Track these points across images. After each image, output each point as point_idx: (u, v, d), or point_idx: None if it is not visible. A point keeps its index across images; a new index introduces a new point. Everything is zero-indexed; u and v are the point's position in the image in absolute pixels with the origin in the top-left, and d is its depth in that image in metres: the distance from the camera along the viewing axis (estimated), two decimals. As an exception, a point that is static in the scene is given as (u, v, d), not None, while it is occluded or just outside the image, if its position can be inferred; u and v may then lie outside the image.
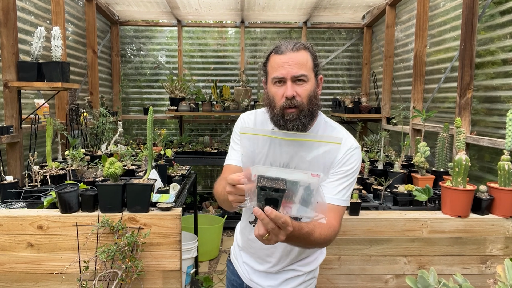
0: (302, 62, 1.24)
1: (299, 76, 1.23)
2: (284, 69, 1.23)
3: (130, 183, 1.81)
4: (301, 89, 1.25)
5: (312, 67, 1.28)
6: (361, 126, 4.06)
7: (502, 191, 1.94)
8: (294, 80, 1.24)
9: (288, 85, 1.24)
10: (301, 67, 1.23)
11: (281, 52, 1.25)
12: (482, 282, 1.93)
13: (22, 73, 2.52)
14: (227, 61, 5.30)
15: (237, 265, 1.58)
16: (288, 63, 1.23)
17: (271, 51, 1.30)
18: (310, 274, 1.48)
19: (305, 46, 1.27)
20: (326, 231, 1.22)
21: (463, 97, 2.71)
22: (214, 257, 3.95)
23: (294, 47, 1.24)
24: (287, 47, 1.25)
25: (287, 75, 1.23)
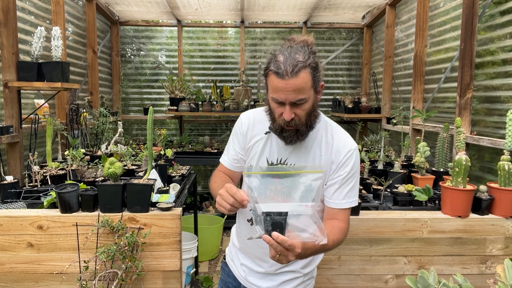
0: (301, 87, 1.20)
1: (297, 101, 1.23)
2: (283, 94, 1.21)
3: (130, 183, 1.80)
4: (299, 110, 1.25)
5: (312, 84, 1.24)
6: (361, 126, 4.06)
7: (502, 191, 1.94)
8: (292, 104, 1.24)
9: (286, 109, 1.24)
10: (299, 92, 1.21)
11: (280, 75, 1.19)
12: (482, 282, 1.93)
13: (22, 73, 2.52)
14: (227, 61, 5.30)
15: (234, 267, 1.57)
16: (286, 89, 1.20)
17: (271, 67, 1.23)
18: (308, 275, 1.48)
19: (304, 65, 1.20)
20: (338, 236, 1.31)
21: (463, 97, 2.71)
22: (214, 257, 3.95)
23: (293, 71, 1.18)
24: (287, 70, 1.18)
25: (286, 100, 1.22)
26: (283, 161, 1.38)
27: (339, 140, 1.37)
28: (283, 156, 1.38)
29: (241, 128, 1.47)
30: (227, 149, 1.54)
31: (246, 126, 1.46)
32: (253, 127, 1.45)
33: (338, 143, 1.36)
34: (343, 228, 1.35)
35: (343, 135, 1.39)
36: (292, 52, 1.21)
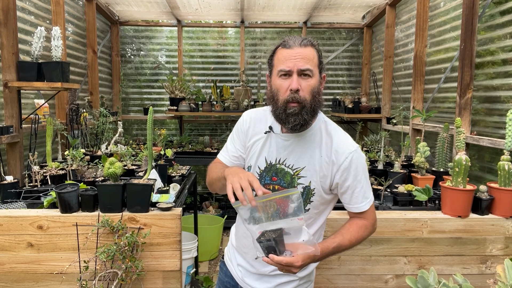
0: (309, 57, 1.26)
1: (305, 70, 1.25)
2: (291, 62, 1.25)
3: (130, 183, 1.81)
4: (306, 83, 1.27)
5: (318, 64, 1.30)
6: (361, 126, 4.06)
7: (502, 191, 1.94)
8: (300, 73, 1.26)
9: (293, 78, 1.26)
10: (307, 61, 1.26)
11: (289, 46, 1.27)
12: (482, 282, 1.93)
13: (22, 73, 2.52)
14: (227, 61, 5.30)
15: (231, 267, 1.56)
16: (295, 57, 1.25)
17: (278, 45, 1.32)
18: (304, 278, 1.46)
19: (312, 43, 1.29)
20: (357, 234, 1.36)
21: (463, 97, 2.71)
22: (214, 257, 3.95)
23: (302, 42, 1.27)
24: (295, 42, 1.27)
25: (294, 67, 1.25)
26: (281, 161, 1.37)
27: (339, 141, 1.35)
28: (281, 156, 1.37)
29: (243, 126, 1.47)
30: (226, 146, 1.54)
31: (247, 124, 1.46)
32: (254, 126, 1.45)
33: (338, 144, 1.34)
34: (365, 225, 1.39)
35: (342, 136, 1.38)
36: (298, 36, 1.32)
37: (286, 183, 1.36)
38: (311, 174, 1.34)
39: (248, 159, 1.46)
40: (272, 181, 1.38)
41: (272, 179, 1.38)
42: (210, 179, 1.49)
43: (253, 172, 1.42)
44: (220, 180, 1.33)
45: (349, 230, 1.36)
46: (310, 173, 1.34)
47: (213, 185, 1.47)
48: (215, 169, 1.47)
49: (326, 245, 1.29)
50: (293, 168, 1.35)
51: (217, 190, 1.47)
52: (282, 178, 1.37)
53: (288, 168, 1.36)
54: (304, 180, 1.34)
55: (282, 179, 1.36)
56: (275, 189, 1.37)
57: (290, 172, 1.35)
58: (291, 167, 1.36)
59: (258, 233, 1.21)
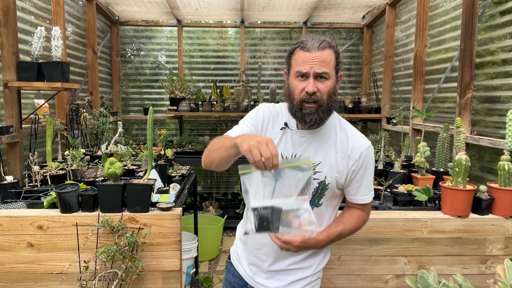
0: (326, 60, 1.28)
1: (321, 73, 1.28)
2: (308, 65, 1.28)
3: (130, 183, 1.81)
4: (322, 85, 1.30)
5: (334, 65, 1.32)
6: (361, 126, 4.06)
7: (502, 191, 1.94)
8: (316, 76, 1.29)
9: (310, 81, 1.28)
10: (324, 65, 1.28)
11: (307, 49, 1.29)
12: (482, 282, 1.93)
13: (22, 73, 2.52)
14: (227, 61, 5.30)
15: (240, 267, 1.55)
16: (312, 60, 1.27)
17: (296, 45, 1.33)
18: (316, 275, 1.49)
19: (330, 44, 1.31)
20: (357, 224, 1.44)
21: (463, 97, 2.71)
22: (214, 257, 3.95)
23: (320, 45, 1.28)
24: (313, 44, 1.29)
25: (310, 70, 1.28)
26: (297, 157, 1.40)
27: (354, 137, 1.40)
28: (297, 151, 1.40)
29: (260, 114, 1.45)
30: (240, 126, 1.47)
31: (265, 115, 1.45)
32: (270, 120, 1.45)
33: (354, 140, 1.39)
34: (363, 217, 1.46)
35: (356, 132, 1.43)
36: (316, 36, 1.33)
37: None
38: (327, 169, 1.38)
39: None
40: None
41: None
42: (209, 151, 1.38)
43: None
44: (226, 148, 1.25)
45: (350, 219, 1.44)
46: (326, 169, 1.38)
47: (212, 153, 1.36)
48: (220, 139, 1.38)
49: (331, 232, 1.38)
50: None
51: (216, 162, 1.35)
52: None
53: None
54: (319, 175, 1.38)
55: None
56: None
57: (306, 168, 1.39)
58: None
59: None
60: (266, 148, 1.08)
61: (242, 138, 1.16)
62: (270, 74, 5.33)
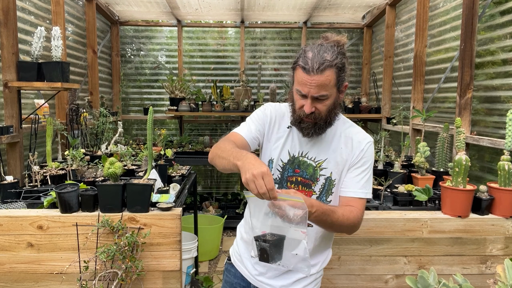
0: (325, 83, 1.28)
1: (318, 96, 1.30)
2: (306, 88, 1.29)
3: (130, 183, 1.81)
4: (320, 105, 1.32)
5: (335, 83, 1.31)
6: (361, 126, 4.06)
7: (502, 191, 1.94)
8: (315, 98, 1.30)
9: (308, 102, 1.31)
10: (322, 88, 1.28)
11: (307, 70, 1.27)
12: (482, 282, 1.93)
13: (22, 73, 2.52)
14: (227, 61, 5.30)
15: (242, 267, 1.54)
16: (310, 84, 1.28)
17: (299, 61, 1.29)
18: (319, 272, 1.52)
19: (330, 64, 1.27)
20: (348, 214, 1.35)
21: (463, 97, 2.71)
22: (214, 257, 3.95)
23: (319, 68, 1.25)
24: (313, 67, 1.26)
25: (308, 93, 1.29)
26: (304, 154, 1.44)
27: (358, 133, 1.45)
28: (304, 149, 1.44)
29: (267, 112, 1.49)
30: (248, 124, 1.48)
31: (273, 112, 1.49)
32: (277, 119, 1.49)
33: (358, 135, 1.44)
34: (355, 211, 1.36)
35: (360, 129, 1.48)
36: (321, 51, 1.30)
37: (308, 174, 1.43)
38: (333, 165, 1.41)
39: (269, 151, 1.48)
40: (295, 173, 1.44)
41: (295, 171, 1.44)
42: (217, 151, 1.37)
43: (276, 165, 1.46)
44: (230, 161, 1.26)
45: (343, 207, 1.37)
46: (332, 165, 1.41)
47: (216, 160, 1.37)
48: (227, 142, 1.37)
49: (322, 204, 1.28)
50: (315, 160, 1.43)
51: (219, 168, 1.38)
52: (304, 170, 1.43)
53: (311, 161, 1.43)
54: (326, 171, 1.42)
55: (305, 171, 1.43)
56: (298, 180, 1.44)
57: (313, 164, 1.43)
58: (314, 159, 1.43)
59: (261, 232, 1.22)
60: (261, 183, 1.10)
61: (243, 163, 1.17)
62: (270, 74, 5.33)
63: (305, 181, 1.43)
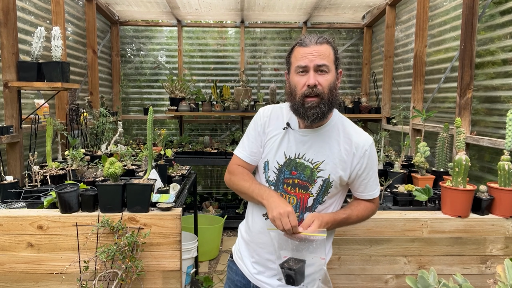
0: (325, 54, 1.33)
1: (321, 65, 1.32)
2: (307, 59, 1.32)
3: (130, 183, 1.81)
4: (323, 78, 1.33)
5: (334, 60, 1.36)
6: (361, 126, 4.06)
7: (502, 191, 1.94)
8: (317, 69, 1.32)
9: (310, 74, 1.32)
10: (323, 57, 1.32)
11: (305, 44, 1.34)
12: (482, 282, 1.93)
13: (22, 73, 2.52)
14: (227, 61, 5.30)
15: (243, 265, 1.55)
16: (311, 54, 1.31)
17: (295, 43, 1.38)
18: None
19: (328, 40, 1.36)
20: (364, 212, 1.48)
21: (463, 97, 2.71)
22: (214, 257, 3.95)
23: (318, 40, 1.33)
24: (311, 40, 1.34)
25: (310, 63, 1.31)
26: (301, 156, 1.42)
27: (358, 135, 1.44)
28: (301, 150, 1.42)
29: (260, 121, 1.50)
30: (243, 142, 1.54)
31: (264, 119, 1.50)
32: (271, 122, 1.48)
33: (358, 137, 1.43)
34: (371, 207, 1.50)
35: (359, 129, 1.47)
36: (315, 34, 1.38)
37: (306, 176, 1.41)
38: (330, 167, 1.40)
39: (264, 154, 1.48)
40: (292, 175, 1.42)
41: (291, 173, 1.42)
42: (236, 186, 1.50)
43: (271, 167, 1.45)
44: (253, 197, 1.42)
45: (358, 207, 1.48)
46: (330, 166, 1.40)
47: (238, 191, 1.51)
48: (244, 176, 1.49)
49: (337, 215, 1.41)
50: (313, 162, 1.41)
51: (242, 196, 1.53)
52: (302, 172, 1.41)
53: (308, 162, 1.41)
54: (323, 173, 1.41)
55: (302, 172, 1.41)
56: (295, 183, 1.43)
57: (310, 166, 1.41)
58: (311, 161, 1.41)
59: (283, 258, 1.33)
60: (287, 221, 1.27)
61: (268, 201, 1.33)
62: (270, 74, 5.33)
63: (302, 183, 1.42)
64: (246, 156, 1.51)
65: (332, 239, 1.58)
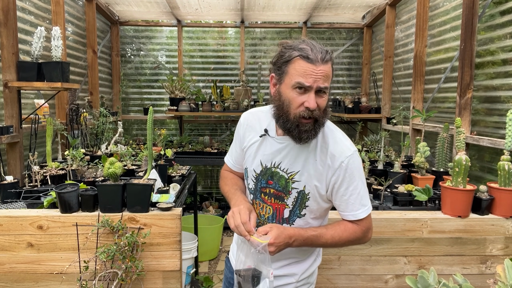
0: (329, 75, 1.22)
1: (324, 88, 1.21)
2: (312, 79, 1.19)
3: (130, 183, 1.81)
4: (321, 100, 1.23)
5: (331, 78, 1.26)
6: (361, 126, 4.06)
7: (502, 191, 1.94)
8: (318, 91, 1.21)
9: (311, 96, 1.20)
10: (327, 79, 1.21)
11: (311, 60, 1.19)
12: (482, 282, 1.93)
13: (22, 73, 2.52)
14: (227, 61, 5.30)
15: (233, 262, 1.57)
16: (317, 74, 1.19)
17: (296, 54, 1.21)
18: (302, 281, 1.44)
19: (330, 57, 1.22)
20: (342, 233, 1.32)
21: (463, 97, 2.71)
22: (214, 257, 3.95)
23: (325, 58, 1.20)
24: (317, 56, 1.19)
25: (314, 84, 1.19)
26: (276, 165, 1.35)
27: (335, 144, 1.31)
28: (276, 159, 1.35)
29: (240, 130, 1.49)
30: (231, 149, 1.57)
31: (244, 127, 1.46)
32: (251, 128, 1.44)
33: (335, 148, 1.30)
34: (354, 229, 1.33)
35: (340, 138, 1.33)
36: (317, 45, 1.22)
37: (281, 187, 1.35)
38: (305, 178, 1.31)
39: (245, 161, 1.46)
40: (268, 184, 1.37)
41: (268, 183, 1.37)
42: (221, 190, 1.58)
43: (250, 175, 1.42)
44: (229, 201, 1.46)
45: (335, 227, 1.33)
46: (305, 177, 1.31)
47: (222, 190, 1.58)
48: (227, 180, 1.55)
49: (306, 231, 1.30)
50: (288, 172, 1.33)
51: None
52: (277, 182, 1.35)
53: (283, 172, 1.34)
54: (298, 184, 1.32)
55: (277, 182, 1.35)
56: (271, 192, 1.37)
57: (285, 176, 1.34)
58: (286, 170, 1.33)
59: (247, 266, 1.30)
60: (237, 217, 1.27)
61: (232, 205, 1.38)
62: (270, 74, 5.32)
63: (277, 193, 1.35)
64: (232, 165, 1.57)
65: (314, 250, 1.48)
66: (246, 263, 1.29)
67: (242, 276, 1.26)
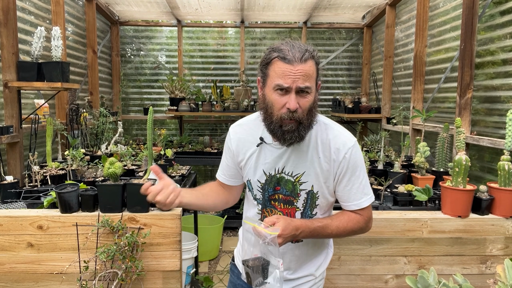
0: (309, 74, 1.18)
1: (304, 88, 1.18)
2: (290, 79, 1.16)
3: (130, 183, 1.80)
4: (304, 100, 1.20)
5: (316, 77, 1.23)
6: (361, 126, 4.06)
7: (502, 191, 1.94)
8: (298, 91, 1.19)
9: (292, 97, 1.18)
10: (307, 78, 1.18)
11: (288, 60, 1.17)
12: (482, 282, 1.93)
13: (22, 73, 2.52)
14: (227, 61, 5.30)
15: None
16: (295, 74, 1.16)
17: (275, 55, 1.20)
18: (320, 276, 1.47)
19: (312, 55, 1.20)
20: (346, 223, 1.32)
21: (463, 97, 2.71)
22: (214, 257, 3.94)
23: (303, 57, 1.17)
24: (295, 55, 1.16)
25: (292, 85, 1.17)
26: (280, 170, 1.33)
27: (336, 137, 1.30)
28: (279, 165, 1.33)
29: (231, 145, 1.43)
30: (222, 165, 1.51)
31: (235, 141, 1.41)
32: (243, 141, 1.39)
33: (336, 141, 1.30)
34: (357, 219, 1.34)
35: (339, 131, 1.33)
36: (296, 44, 1.20)
37: (288, 191, 1.34)
38: (312, 178, 1.31)
39: (245, 173, 1.42)
40: (276, 190, 1.36)
41: (275, 189, 1.36)
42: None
43: (254, 186, 1.40)
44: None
45: (339, 217, 1.34)
46: (311, 177, 1.31)
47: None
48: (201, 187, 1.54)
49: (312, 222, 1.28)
50: (293, 175, 1.32)
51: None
52: (284, 187, 1.34)
53: (289, 176, 1.33)
54: (305, 185, 1.32)
55: (284, 187, 1.34)
56: (280, 198, 1.36)
57: (291, 180, 1.33)
58: (291, 174, 1.33)
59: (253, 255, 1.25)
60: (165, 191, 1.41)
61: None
62: (270, 74, 5.33)
63: (286, 198, 1.34)
64: (226, 180, 1.49)
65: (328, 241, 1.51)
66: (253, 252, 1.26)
67: (251, 267, 1.22)
